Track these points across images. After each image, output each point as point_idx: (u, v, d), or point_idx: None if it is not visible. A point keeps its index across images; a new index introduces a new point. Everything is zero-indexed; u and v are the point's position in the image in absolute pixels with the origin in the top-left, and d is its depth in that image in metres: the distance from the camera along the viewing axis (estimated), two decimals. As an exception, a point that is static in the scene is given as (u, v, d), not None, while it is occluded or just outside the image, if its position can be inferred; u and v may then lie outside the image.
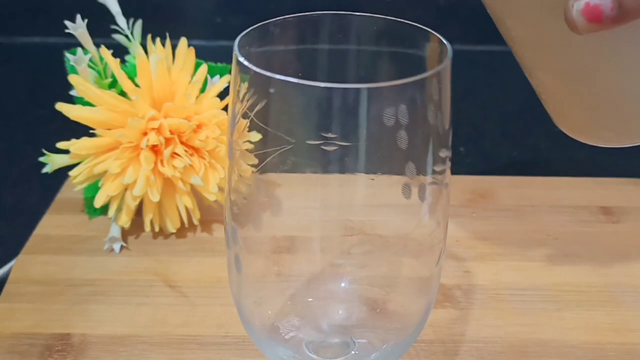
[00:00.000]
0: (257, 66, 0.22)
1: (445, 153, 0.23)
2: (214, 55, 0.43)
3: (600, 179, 0.47)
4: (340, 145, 0.24)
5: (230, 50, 0.23)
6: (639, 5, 0.23)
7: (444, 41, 0.22)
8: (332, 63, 0.26)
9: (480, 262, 0.40)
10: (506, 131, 0.57)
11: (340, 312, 0.30)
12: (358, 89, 0.21)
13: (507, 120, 0.59)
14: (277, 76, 0.21)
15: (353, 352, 0.28)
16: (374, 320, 0.30)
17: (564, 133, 0.35)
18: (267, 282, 0.29)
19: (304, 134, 0.26)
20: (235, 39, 0.23)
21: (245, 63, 0.21)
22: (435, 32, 0.23)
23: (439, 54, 0.23)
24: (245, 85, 0.23)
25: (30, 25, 0.70)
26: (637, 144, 0.32)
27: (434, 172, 0.23)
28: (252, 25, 0.24)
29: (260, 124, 0.24)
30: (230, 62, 0.44)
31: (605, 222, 0.43)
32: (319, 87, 0.20)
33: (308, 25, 0.25)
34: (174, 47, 0.40)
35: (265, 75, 0.21)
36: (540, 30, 0.27)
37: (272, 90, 0.21)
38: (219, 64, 0.42)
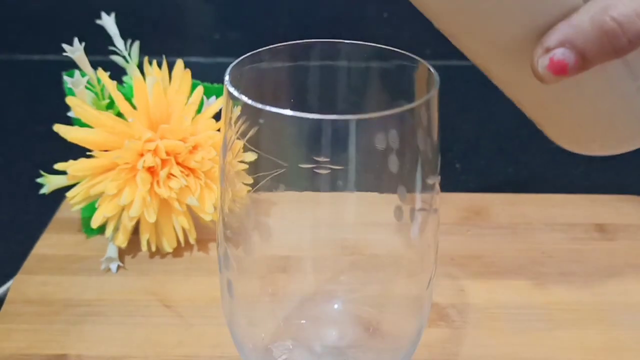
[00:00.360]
0: (250, 92, 0.22)
1: (433, 180, 0.23)
2: (212, 72, 0.43)
3: (595, 196, 0.47)
4: (332, 168, 0.24)
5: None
6: (601, 52, 0.23)
7: (432, 69, 0.23)
8: (323, 89, 0.26)
9: (474, 280, 0.40)
10: (501, 148, 0.57)
11: (333, 333, 0.30)
12: (347, 120, 0.21)
13: (503, 136, 0.59)
14: (268, 108, 0.21)
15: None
16: (367, 340, 0.30)
17: (559, 150, 0.35)
18: (260, 303, 0.29)
19: (296, 158, 0.26)
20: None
21: (236, 94, 0.22)
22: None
23: (427, 79, 0.23)
24: (237, 112, 0.23)
25: (30, 42, 0.71)
26: (628, 150, 0.32)
27: (422, 198, 0.23)
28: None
29: (252, 148, 0.25)
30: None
31: (599, 240, 0.44)
32: (308, 118, 0.21)
33: (299, 52, 0.25)
34: (171, 66, 0.41)
35: (255, 106, 0.21)
36: (507, 74, 0.28)
37: (261, 121, 0.22)
38: (215, 85, 0.43)
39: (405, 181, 0.24)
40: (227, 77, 0.22)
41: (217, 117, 0.40)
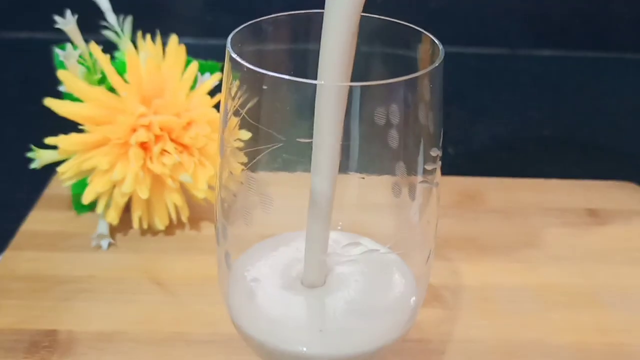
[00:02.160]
0: (249, 63, 0.22)
1: (436, 152, 0.23)
2: (203, 54, 0.42)
3: (587, 182, 0.48)
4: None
5: (220, 48, 0.23)
6: None
7: (437, 42, 0.22)
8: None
9: (468, 262, 0.40)
10: (495, 133, 0.58)
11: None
12: (351, 87, 0.21)
13: (496, 122, 0.59)
14: (270, 73, 0.21)
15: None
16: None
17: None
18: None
19: (295, 132, 0.26)
20: (225, 37, 0.23)
21: (238, 59, 0.21)
22: (428, 32, 0.23)
23: (431, 54, 0.23)
24: (237, 83, 0.23)
25: (17, 20, 0.69)
26: None
27: (424, 171, 0.23)
28: (243, 24, 0.24)
29: (251, 121, 0.24)
30: (220, 60, 0.44)
31: (592, 224, 0.44)
32: (311, 84, 0.20)
33: (301, 23, 0.25)
34: (163, 45, 0.40)
35: (258, 72, 0.21)
36: None
37: (264, 87, 0.21)
38: (209, 62, 0.42)
39: (406, 156, 0.24)
40: (228, 44, 0.22)
41: (211, 93, 0.40)
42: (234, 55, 0.22)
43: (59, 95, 0.41)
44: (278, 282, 0.26)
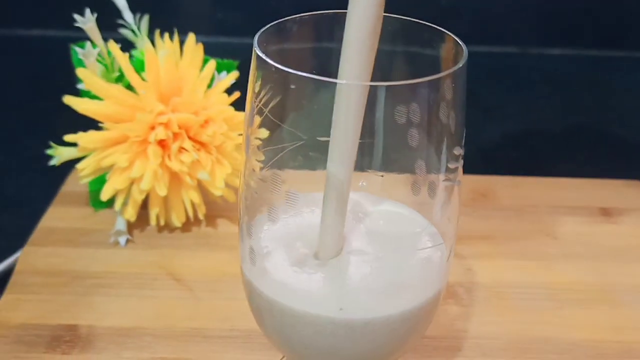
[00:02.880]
0: (273, 60, 0.22)
1: (459, 151, 0.23)
2: (214, 52, 0.43)
3: (599, 180, 0.48)
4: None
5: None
6: None
7: (460, 42, 0.23)
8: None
9: (481, 260, 0.40)
10: (506, 132, 0.58)
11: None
12: (375, 87, 0.21)
13: (507, 120, 0.59)
14: (295, 72, 0.21)
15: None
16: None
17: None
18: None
19: (316, 131, 0.26)
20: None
21: (265, 58, 0.22)
22: None
23: (454, 54, 0.23)
24: (260, 81, 0.23)
25: (30, 17, 0.70)
26: None
27: (447, 169, 0.23)
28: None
29: (274, 119, 0.25)
30: (232, 58, 0.44)
31: (604, 223, 0.44)
32: (335, 83, 0.21)
33: (324, 23, 0.25)
34: (180, 43, 0.40)
35: (283, 70, 0.21)
36: None
37: (292, 86, 0.22)
38: (226, 60, 0.43)
39: (429, 154, 0.24)
40: (255, 43, 0.22)
41: (228, 92, 0.40)
42: (261, 54, 0.22)
43: (75, 93, 0.41)
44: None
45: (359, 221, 0.27)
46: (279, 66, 0.21)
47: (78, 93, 0.41)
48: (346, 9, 0.22)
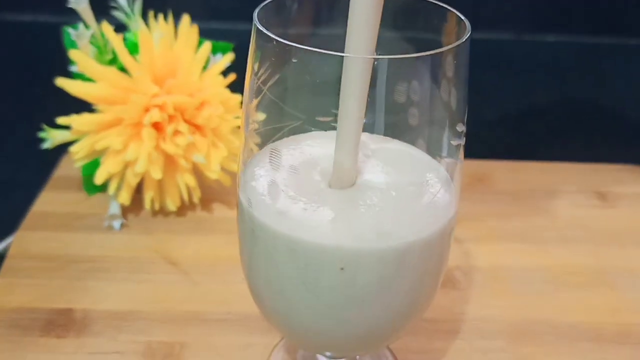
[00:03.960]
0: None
1: (461, 128, 0.23)
2: (209, 36, 0.42)
3: (596, 165, 0.48)
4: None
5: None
6: None
7: (463, 18, 0.22)
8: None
9: (479, 244, 0.40)
10: (503, 117, 0.58)
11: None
12: (377, 60, 0.21)
13: (505, 106, 0.59)
14: (297, 45, 0.21)
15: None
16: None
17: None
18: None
19: (315, 110, 0.26)
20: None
21: (265, 31, 0.21)
22: None
23: (457, 32, 0.23)
24: (260, 58, 0.23)
25: (21, 1, 0.69)
26: None
27: (450, 146, 0.23)
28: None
29: (273, 98, 0.24)
30: (228, 41, 0.43)
31: (600, 207, 0.44)
32: (337, 56, 0.20)
33: (324, 1, 0.25)
34: (175, 26, 0.40)
35: (284, 44, 0.21)
36: None
37: (294, 60, 0.21)
38: (221, 42, 0.42)
39: (432, 131, 0.24)
40: (255, 17, 0.22)
41: (224, 74, 0.39)
42: (261, 27, 0.21)
43: (68, 76, 0.40)
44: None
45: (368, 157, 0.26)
46: (281, 40, 0.21)
47: (71, 75, 0.41)
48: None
